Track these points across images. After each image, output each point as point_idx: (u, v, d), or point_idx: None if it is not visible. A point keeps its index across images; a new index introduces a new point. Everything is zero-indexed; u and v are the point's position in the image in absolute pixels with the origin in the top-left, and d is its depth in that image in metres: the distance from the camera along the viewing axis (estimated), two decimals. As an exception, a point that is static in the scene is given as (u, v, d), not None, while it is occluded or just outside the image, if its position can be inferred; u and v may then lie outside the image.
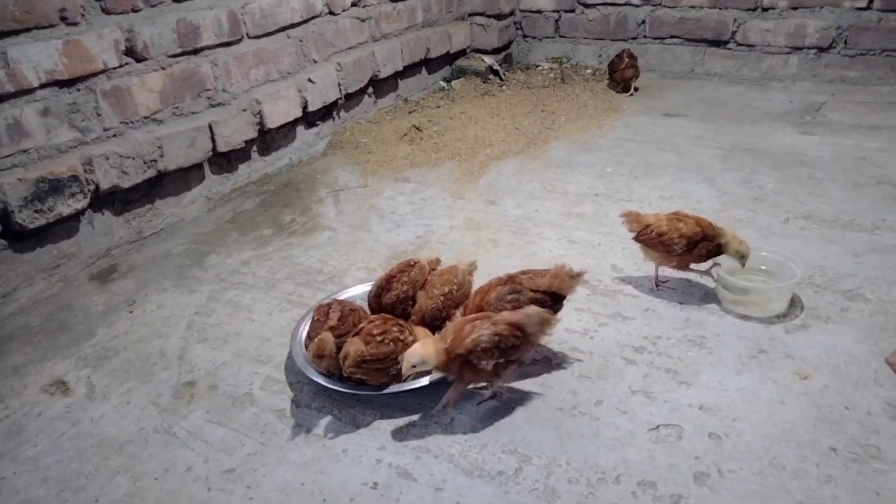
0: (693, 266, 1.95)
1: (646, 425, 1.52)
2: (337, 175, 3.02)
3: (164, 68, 2.48)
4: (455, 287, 1.76)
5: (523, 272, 1.72)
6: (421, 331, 1.68)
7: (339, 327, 1.64)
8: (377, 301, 1.80)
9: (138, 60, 2.39)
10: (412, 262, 1.83)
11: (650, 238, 1.91)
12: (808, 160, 2.80)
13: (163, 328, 1.99)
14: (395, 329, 1.58)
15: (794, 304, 1.88)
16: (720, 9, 3.76)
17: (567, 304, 1.94)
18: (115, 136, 2.36)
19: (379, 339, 1.54)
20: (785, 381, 1.62)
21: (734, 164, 2.81)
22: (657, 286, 2.02)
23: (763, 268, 1.96)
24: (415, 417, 1.59)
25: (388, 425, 1.57)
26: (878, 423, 1.47)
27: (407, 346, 1.56)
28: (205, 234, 2.56)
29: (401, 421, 1.58)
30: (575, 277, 1.67)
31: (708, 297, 1.96)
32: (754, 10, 3.68)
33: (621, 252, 2.23)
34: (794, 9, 3.59)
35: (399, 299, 1.77)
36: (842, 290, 1.94)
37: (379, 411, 1.61)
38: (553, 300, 1.67)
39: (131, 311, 2.08)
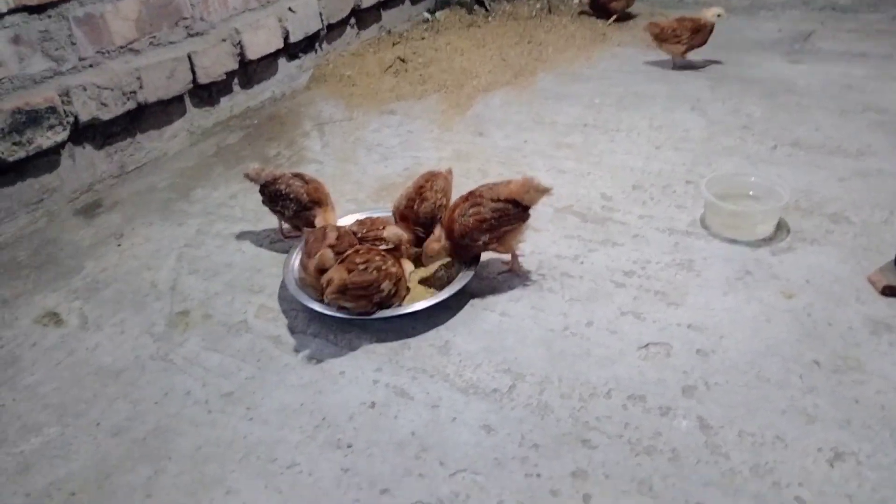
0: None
1: (635, 344, 1.56)
2: (321, 108, 2.96)
3: (138, -6, 2.38)
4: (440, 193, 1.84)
5: (483, 185, 1.73)
6: (407, 263, 1.69)
7: (338, 245, 1.64)
8: (414, 213, 1.79)
9: (111, -15, 2.29)
10: (434, 173, 1.86)
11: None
12: (796, 88, 2.79)
13: (152, 260, 1.98)
14: (377, 258, 1.58)
15: (781, 227, 1.91)
16: (711, -66, 3.65)
17: (558, 231, 1.97)
18: (91, 66, 2.28)
19: (362, 267, 1.55)
20: (770, 300, 1.66)
21: (723, 94, 2.79)
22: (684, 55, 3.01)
23: (751, 193, 1.97)
24: (410, 340, 1.61)
25: (383, 349, 1.60)
26: (859, 338, 1.52)
27: (389, 275, 1.58)
28: (189, 168, 2.51)
29: (396, 344, 1.60)
30: (541, 191, 1.66)
31: (696, 222, 1.98)
32: (746, -66, 3.59)
33: (610, 181, 2.23)
34: (786, -67, 3.50)
35: (438, 206, 1.80)
36: (827, 213, 1.97)
37: (374, 335, 1.63)
38: (515, 208, 1.67)
39: (119, 245, 2.06)
